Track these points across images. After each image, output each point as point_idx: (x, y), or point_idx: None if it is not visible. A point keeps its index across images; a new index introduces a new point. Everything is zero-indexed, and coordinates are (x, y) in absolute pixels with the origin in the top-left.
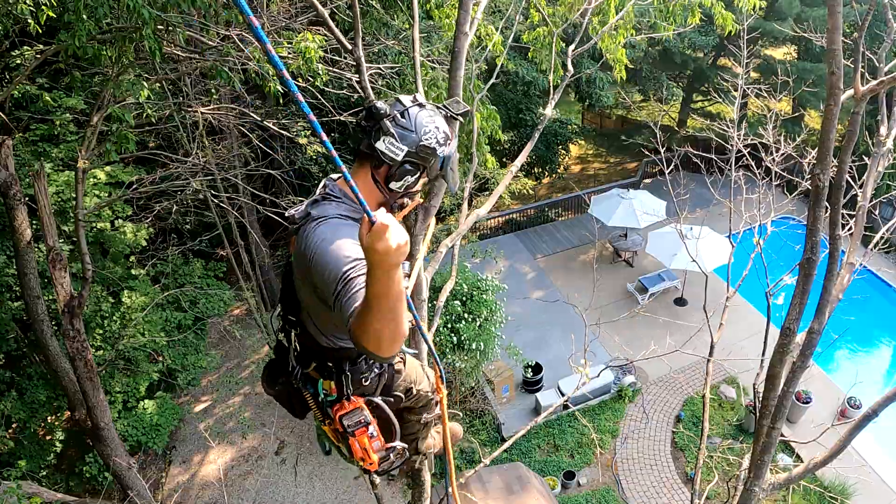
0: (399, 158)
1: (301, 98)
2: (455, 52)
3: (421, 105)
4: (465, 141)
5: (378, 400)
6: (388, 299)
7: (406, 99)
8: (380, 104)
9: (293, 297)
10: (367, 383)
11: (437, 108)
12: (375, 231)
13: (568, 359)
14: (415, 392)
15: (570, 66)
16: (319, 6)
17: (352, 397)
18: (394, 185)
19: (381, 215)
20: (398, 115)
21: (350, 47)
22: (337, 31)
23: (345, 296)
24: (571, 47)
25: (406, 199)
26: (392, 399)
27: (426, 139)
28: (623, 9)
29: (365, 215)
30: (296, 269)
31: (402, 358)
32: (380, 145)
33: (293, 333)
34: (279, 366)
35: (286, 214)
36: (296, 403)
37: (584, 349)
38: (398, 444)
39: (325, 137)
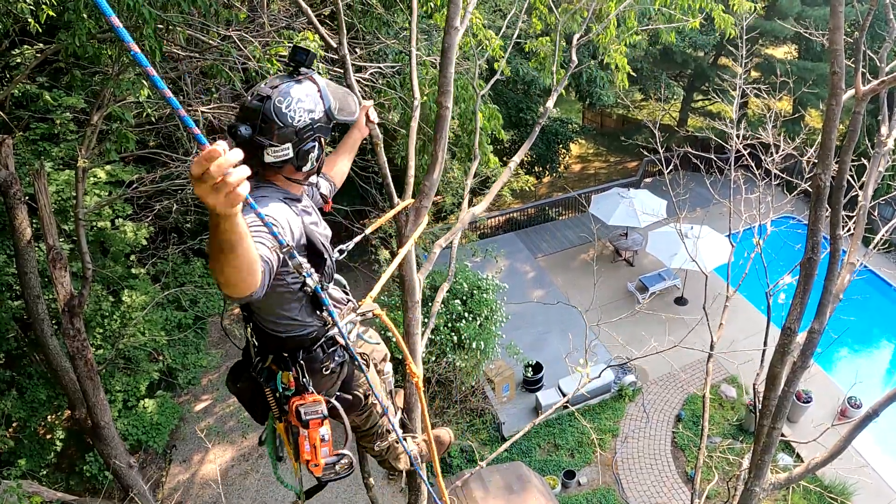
0: (291, 154)
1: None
2: (445, 47)
3: (263, 97)
4: (468, 141)
5: (336, 403)
6: (214, 240)
7: (252, 100)
8: (240, 129)
9: None
10: (327, 373)
11: (279, 78)
12: (199, 158)
13: (565, 357)
14: (368, 404)
15: (574, 57)
16: (304, 5)
17: (311, 391)
18: (306, 168)
19: (219, 144)
20: (261, 124)
21: (335, 45)
22: (322, 29)
23: None
24: (576, 36)
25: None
26: (351, 397)
27: (297, 121)
28: (622, 4)
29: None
30: None
31: (365, 360)
32: (268, 159)
33: (249, 328)
34: (243, 366)
35: None
36: (257, 403)
37: (584, 350)
38: (347, 452)
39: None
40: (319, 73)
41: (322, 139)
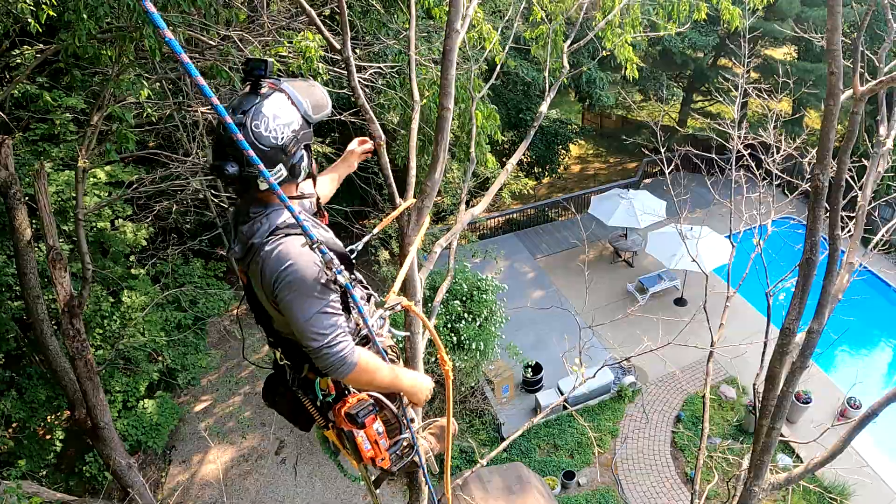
0: (285, 174)
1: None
2: (446, 50)
3: (238, 126)
4: (466, 141)
5: (378, 395)
6: (382, 386)
7: (226, 133)
8: (226, 169)
9: (265, 315)
10: None
11: (244, 98)
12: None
13: (561, 356)
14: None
15: (566, 64)
16: (307, 6)
17: (352, 391)
18: (300, 178)
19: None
20: (252, 154)
21: (339, 47)
22: (326, 31)
23: (326, 358)
24: (567, 43)
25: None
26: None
27: (281, 139)
28: (623, 1)
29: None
30: (258, 292)
31: (396, 353)
32: (264, 187)
33: (278, 352)
34: (277, 378)
35: (229, 253)
36: (299, 414)
37: (579, 351)
38: (404, 434)
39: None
40: (278, 77)
41: (308, 146)
